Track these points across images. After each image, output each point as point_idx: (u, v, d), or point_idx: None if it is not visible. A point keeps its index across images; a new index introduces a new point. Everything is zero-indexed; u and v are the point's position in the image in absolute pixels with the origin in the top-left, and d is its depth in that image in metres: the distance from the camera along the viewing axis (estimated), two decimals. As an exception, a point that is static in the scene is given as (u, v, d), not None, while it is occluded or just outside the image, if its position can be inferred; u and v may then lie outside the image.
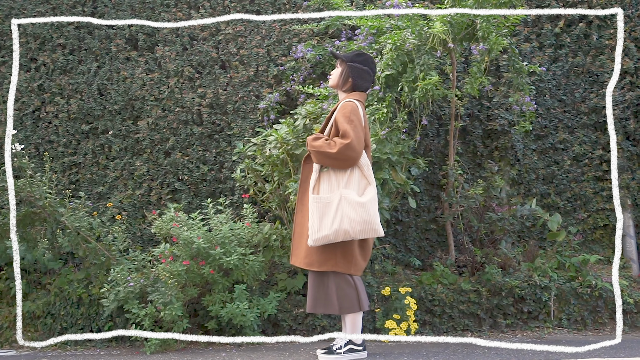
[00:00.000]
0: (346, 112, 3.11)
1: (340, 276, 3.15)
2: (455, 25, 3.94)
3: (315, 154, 3.09)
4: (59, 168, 5.00)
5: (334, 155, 3.03)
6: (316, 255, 3.12)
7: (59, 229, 3.99)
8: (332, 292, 3.13)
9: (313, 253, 3.13)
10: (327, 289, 3.14)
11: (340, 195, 3.04)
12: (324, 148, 3.05)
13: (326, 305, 3.15)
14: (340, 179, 3.09)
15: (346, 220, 3.00)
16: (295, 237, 3.25)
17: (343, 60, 3.26)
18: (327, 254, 3.11)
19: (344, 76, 3.25)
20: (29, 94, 5.11)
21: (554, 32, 4.96)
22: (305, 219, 3.17)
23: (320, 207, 3.05)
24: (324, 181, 3.12)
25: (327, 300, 3.14)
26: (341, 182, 3.09)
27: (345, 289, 3.14)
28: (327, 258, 3.11)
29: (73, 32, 5.12)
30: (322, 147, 3.06)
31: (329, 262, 3.11)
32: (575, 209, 4.86)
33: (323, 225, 3.02)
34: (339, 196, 3.04)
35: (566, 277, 4.13)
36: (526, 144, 4.85)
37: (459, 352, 3.40)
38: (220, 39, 4.94)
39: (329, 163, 3.08)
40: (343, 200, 3.03)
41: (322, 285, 3.15)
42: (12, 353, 3.82)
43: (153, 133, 4.90)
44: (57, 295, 4.08)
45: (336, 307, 3.13)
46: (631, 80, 4.87)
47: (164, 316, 3.55)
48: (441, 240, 4.70)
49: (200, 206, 4.68)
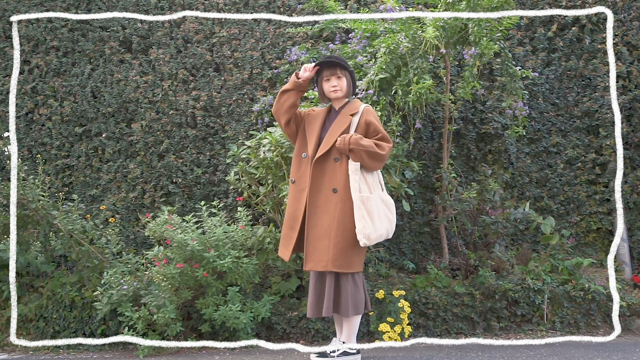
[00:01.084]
0: (374, 115, 3.21)
1: (360, 276, 3.18)
2: (449, 30, 3.96)
3: (362, 152, 3.06)
4: (52, 170, 4.98)
5: (381, 157, 3.09)
6: (348, 258, 3.09)
7: (52, 231, 3.98)
8: (359, 292, 3.15)
9: (345, 255, 3.08)
10: (355, 289, 3.14)
11: (377, 195, 3.12)
12: (373, 148, 3.06)
13: (356, 307, 3.14)
14: (372, 180, 3.16)
15: (385, 220, 3.10)
16: (313, 241, 3.12)
17: (348, 71, 3.26)
18: (360, 254, 3.14)
19: (351, 84, 3.28)
20: (22, 96, 5.10)
21: (547, 36, 4.98)
22: (334, 222, 3.08)
23: (369, 206, 3.05)
24: (362, 181, 3.12)
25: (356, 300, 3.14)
26: (375, 183, 3.16)
27: (363, 288, 3.20)
28: (360, 258, 3.15)
29: (67, 34, 5.11)
30: (372, 147, 3.07)
31: (360, 262, 3.15)
32: (568, 212, 4.88)
33: (377, 224, 3.04)
34: (377, 196, 3.11)
35: (559, 280, 4.14)
36: (519, 148, 4.87)
37: (452, 355, 3.40)
38: (214, 42, 4.94)
39: (371, 163, 3.10)
40: (379, 200, 3.11)
41: (346, 286, 3.11)
42: (4, 356, 3.79)
43: (147, 136, 4.89)
44: (50, 299, 4.06)
45: (360, 307, 3.15)
46: (623, 84, 4.90)
47: (158, 319, 3.53)
48: (435, 243, 4.71)
49: (194, 209, 4.67)
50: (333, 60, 3.22)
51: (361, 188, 3.08)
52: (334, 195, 3.10)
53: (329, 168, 3.15)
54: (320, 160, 3.16)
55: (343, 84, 3.23)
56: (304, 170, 3.21)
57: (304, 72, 3.21)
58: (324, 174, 3.15)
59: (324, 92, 3.28)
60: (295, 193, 3.22)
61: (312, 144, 3.20)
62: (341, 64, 3.23)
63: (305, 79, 3.21)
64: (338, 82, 3.22)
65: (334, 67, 3.22)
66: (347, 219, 3.06)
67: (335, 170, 3.13)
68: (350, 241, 3.06)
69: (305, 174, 3.20)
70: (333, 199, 3.09)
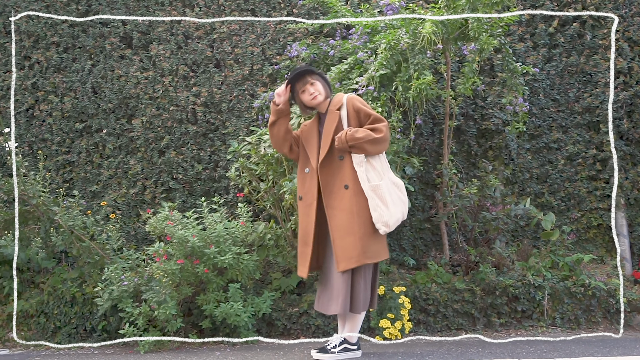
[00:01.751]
0: (359, 100, 3.21)
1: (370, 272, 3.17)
2: (449, 25, 3.95)
3: (363, 144, 3.06)
4: (53, 166, 4.98)
5: (382, 139, 3.08)
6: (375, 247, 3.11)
7: (53, 227, 3.98)
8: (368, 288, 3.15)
9: (372, 245, 3.09)
10: (365, 285, 3.14)
11: (388, 179, 3.14)
12: (371, 136, 3.06)
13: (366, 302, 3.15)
14: (381, 164, 3.16)
15: (399, 202, 3.12)
16: (339, 242, 3.09)
17: (317, 74, 3.25)
18: (383, 241, 3.17)
19: (325, 84, 3.27)
20: (23, 92, 5.09)
21: (548, 31, 4.97)
22: (353, 216, 3.07)
23: (381, 193, 3.06)
24: (369, 170, 3.12)
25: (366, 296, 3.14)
26: (383, 167, 3.17)
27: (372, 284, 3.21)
28: (384, 245, 3.17)
29: (67, 30, 5.10)
30: (369, 135, 3.06)
31: (385, 249, 3.19)
32: (569, 208, 4.88)
33: (392, 210, 3.06)
34: (387, 180, 3.13)
35: (560, 276, 4.14)
36: (520, 144, 4.87)
37: (453, 351, 3.41)
38: (215, 38, 4.94)
39: (374, 149, 3.10)
40: (390, 184, 3.13)
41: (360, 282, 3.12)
42: (5, 352, 3.80)
43: (147, 132, 4.89)
44: (51, 294, 4.06)
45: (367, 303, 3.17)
46: (624, 80, 4.89)
47: (158, 315, 3.54)
48: (435, 239, 4.71)
49: (194, 205, 4.67)
50: (299, 72, 3.21)
51: (370, 178, 3.09)
52: (346, 192, 3.10)
53: (336, 168, 3.16)
54: (326, 163, 3.17)
55: (319, 87, 3.22)
56: (309, 186, 3.22)
57: (278, 97, 3.21)
58: (333, 175, 3.16)
59: (306, 105, 3.28)
60: (304, 209, 3.24)
61: (314, 154, 3.21)
62: (308, 70, 3.22)
63: (284, 102, 3.22)
64: (313, 88, 3.22)
65: (304, 77, 3.22)
66: (363, 211, 3.08)
67: (342, 168, 3.14)
68: (373, 231, 3.09)
69: (310, 189, 3.21)
70: (347, 195, 3.10)
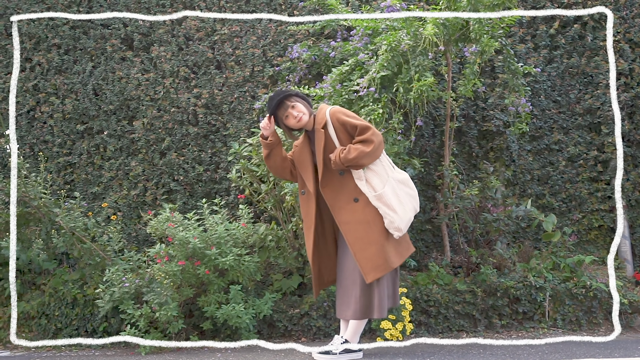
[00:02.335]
0: (342, 111, 3.17)
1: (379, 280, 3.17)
2: (450, 27, 3.95)
3: (358, 161, 3.04)
4: (54, 168, 4.98)
5: (374, 149, 3.05)
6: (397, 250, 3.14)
7: (54, 229, 3.98)
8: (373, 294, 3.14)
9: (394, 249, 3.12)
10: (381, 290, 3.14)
11: (392, 179, 3.14)
12: (363, 152, 3.02)
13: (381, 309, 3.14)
14: (382, 169, 3.16)
15: (407, 200, 3.14)
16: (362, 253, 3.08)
17: (294, 95, 3.22)
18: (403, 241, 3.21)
19: (305, 102, 3.25)
20: (24, 94, 5.10)
21: (549, 33, 4.97)
22: (370, 226, 3.07)
23: (387, 200, 3.06)
24: (371, 178, 3.12)
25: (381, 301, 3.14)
26: (385, 167, 3.17)
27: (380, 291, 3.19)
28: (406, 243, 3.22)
29: (68, 31, 5.11)
30: (361, 152, 3.02)
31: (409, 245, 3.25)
32: (570, 210, 4.87)
33: (400, 212, 3.08)
34: (392, 181, 3.13)
35: (561, 278, 4.14)
36: (521, 145, 4.87)
37: (454, 353, 3.40)
38: (215, 39, 4.94)
39: (370, 160, 3.09)
40: (395, 183, 3.13)
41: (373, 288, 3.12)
42: (6, 354, 3.80)
43: (148, 133, 4.89)
44: (52, 296, 4.06)
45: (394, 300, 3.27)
46: (625, 82, 4.89)
47: (160, 317, 3.54)
48: (436, 240, 4.71)
49: (195, 206, 4.67)
50: (278, 100, 3.18)
51: (374, 186, 3.10)
52: (357, 204, 3.11)
53: (339, 184, 3.16)
54: (327, 182, 3.17)
55: (300, 108, 3.19)
56: (307, 209, 3.24)
57: (265, 130, 3.21)
58: (338, 191, 3.15)
59: (292, 129, 3.26)
60: (305, 231, 3.28)
61: (309, 177, 3.21)
62: (285, 95, 3.19)
63: (272, 134, 3.22)
64: (296, 110, 3.18)
65: (283, 103, 3.19)
66: (378, 218, 3.09)
67: (346, 183, 3.14)
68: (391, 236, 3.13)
69: (309, 212, 3.22)
70: (359, 207, 3.10)
